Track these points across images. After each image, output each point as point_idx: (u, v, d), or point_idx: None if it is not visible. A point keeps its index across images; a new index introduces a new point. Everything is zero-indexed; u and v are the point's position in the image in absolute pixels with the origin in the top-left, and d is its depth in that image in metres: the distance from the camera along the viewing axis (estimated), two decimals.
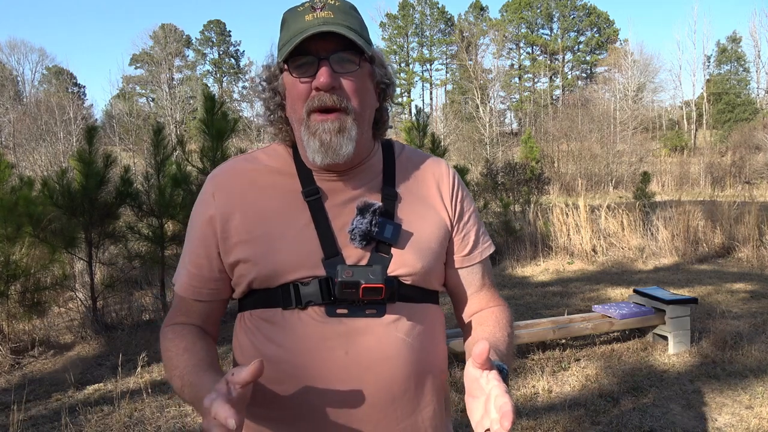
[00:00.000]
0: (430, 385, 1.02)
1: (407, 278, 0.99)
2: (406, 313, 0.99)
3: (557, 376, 3.82)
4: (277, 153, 1.07)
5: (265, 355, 0.97)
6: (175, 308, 1.10)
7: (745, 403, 3.34)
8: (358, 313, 0.95)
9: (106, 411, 3.48)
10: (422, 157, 1.13)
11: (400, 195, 1.04)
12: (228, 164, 1.08)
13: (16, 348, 4.69)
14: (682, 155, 30.47)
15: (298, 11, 0.96)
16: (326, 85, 0.92)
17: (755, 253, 7.64)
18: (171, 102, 38.81)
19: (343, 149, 0.95)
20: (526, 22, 49.90)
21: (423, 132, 7.47)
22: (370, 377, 0.94)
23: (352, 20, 0.96)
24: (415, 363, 0.98)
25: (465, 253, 1.09)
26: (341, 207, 1.00)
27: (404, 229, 1.00)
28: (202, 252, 1.03)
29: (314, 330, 0.95)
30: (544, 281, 7.16)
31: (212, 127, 5.53)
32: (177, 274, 1.09)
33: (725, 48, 44.97)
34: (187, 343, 1.00)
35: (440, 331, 1.08)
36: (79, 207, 5.11)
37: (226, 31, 51.29)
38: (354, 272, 0.93)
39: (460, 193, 1.10)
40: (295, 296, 0.96)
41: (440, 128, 29.97)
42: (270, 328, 0.98)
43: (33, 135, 26.18)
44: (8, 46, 42.57)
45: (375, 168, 1.05)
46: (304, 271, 0.96)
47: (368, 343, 0.95)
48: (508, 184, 13.36)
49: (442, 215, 1.06)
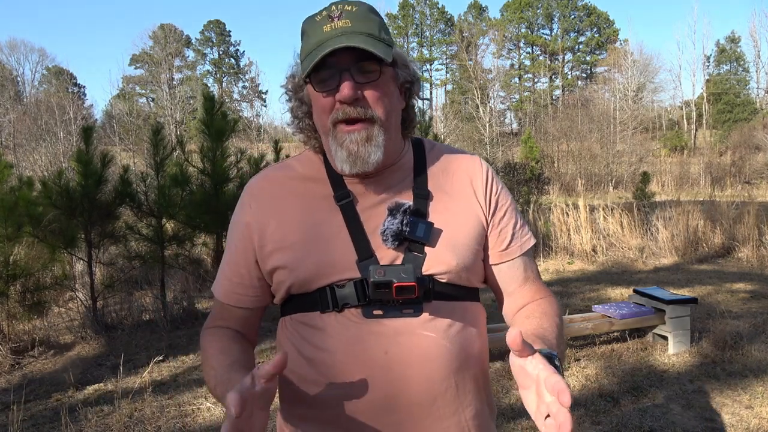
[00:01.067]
0: (472, 383, 1.02)
1: (443, 276, 0.99)
2: (444, 311, 0.99)
3: None
4: (309, 160, 1.09)
5: (306, 358, 0.99)
6: (214, 314, 1.12)
7: (745, 403, 3.34)
8: (395, 313, 0.96)
9: (106, 411, 3.48)
10: (454, 153, 1.12)
11: (432, 193, 1.04)
12: (262, 173, 1.11)
13: (16, 348, 4.69)
14: (682, 155, 30.47)
15: (317, 21, 0.96)
16: (349, 97, 0.93)
17: (755, 253, 7.63)
18: (171, 102, 38.82)
19: (372, 158, 0.96)
20: (526, 22, 49.91)
21: (425, 132, 7.48)
22: (410, 376, 0.95)
23: (370, 25, 0.96)
24: (454, 361, 0.98)
25: (502, 248, 1.08)
26: (373, 209, 1.01)
27: (437, 227, 1.00)
28: (241, 261, 1.06)
29: (352, 331, 0.96)
30: (545, 281, 7.15)
31: (212, 127, 5.54)
32: (217, 282, 1.11)
33: (724, 48, 44.99)
34: (223, 345, 1.03)
35: (481, 328, 1.07)
36: (79, 207, 5.11)
37: (226, 31, 51.28)
38: (386, 272, 0.93)
39: (495, 188, 1.09)
40: (332, 299, 0.97)
41: (440, 128, 29.95)
42: (309, 332, 0.99)
43: (33, 135, 26.18)
44: (8, 46, 42.59)
45: (406, 167, 1.06)
46: (340, 274, 0.97)
47: (407, 343, 0.95)
48: (508, 184, 13.37)
49: (476, 211, 1.05)
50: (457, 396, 0.99)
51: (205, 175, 5.81)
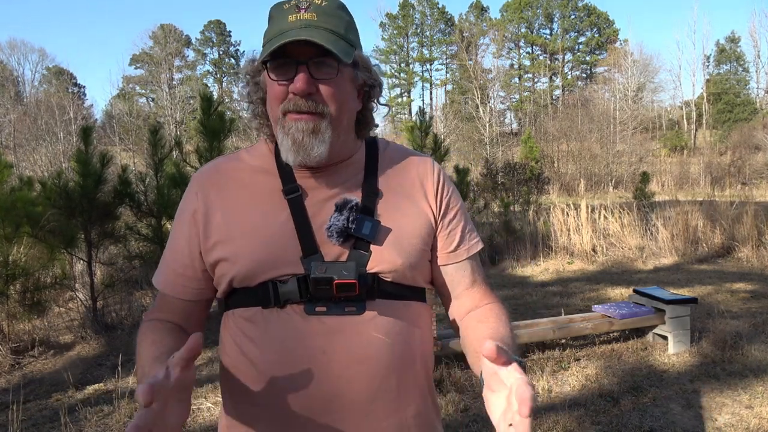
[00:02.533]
0: (413, 383, 1.01)
1: (388, 275, 0.98)
2: (387, 310, 0.98)
3: (557, 376, 3.82)
4: (260, 152, 1.08)
5: (246, 355, 0.98)
6: (157, 305, 1.09)
7: (745, 403, 3.33)
8: (337, 311, 0.95)
9: (106, 411, 3.48)
10: (407, 154, 1.12)
11: (381, 191, 1.03)
12: (211, 164, 1.09)
13: (16, 348, 4.69)
14: (682, 155, 30.48)
15: (284, 9, 0.95)
16: (302, 91, 0.92)
17: (755, 253, 7.63)
18: (171, 102, 38.82)
19: (315, 150, 0.95)
20: (526, 22, 49.88)
21: (425, 132, 7.48)
22: (349, 375, 0.94)
23: (336, 22, 0.95)
24: (395, 361, 0.97)
25: (450, 249, 1.07)
26: (321, 204, 1.00)
27: (384, 226, 1.00)
28: (185, 250, 1.03)
29: (293, 329, 0.95)
30: (544, 281, 7.16)
31: (208, 128, 5.53)
32: (159, 272, 1.08)
33: (724, 48, 44.98)
34: (156, 337, 0.99)
35: (425, 328, 1.06)
36: (78, 207, 5.11)
37: (226, 31, 51.28)
38: (327, 268, 0.92)
39: (445, 190, 1.08)
40: (274, 295, 0.95)
41: (440, 128, 29.95)
42: (250, 327, 0.98)
43: (33, 135, 26.20)
44: (8, 46, 42.51)
45: (357, 165, 1.05)
46: (283, 269, 0.96)
47: (347, 341, 0.94)
48: (508, 184, 13.38)
49: (425, 211, 1.05)
50: (398, 395, 0.98)
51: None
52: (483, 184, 13.12)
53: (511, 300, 5.97)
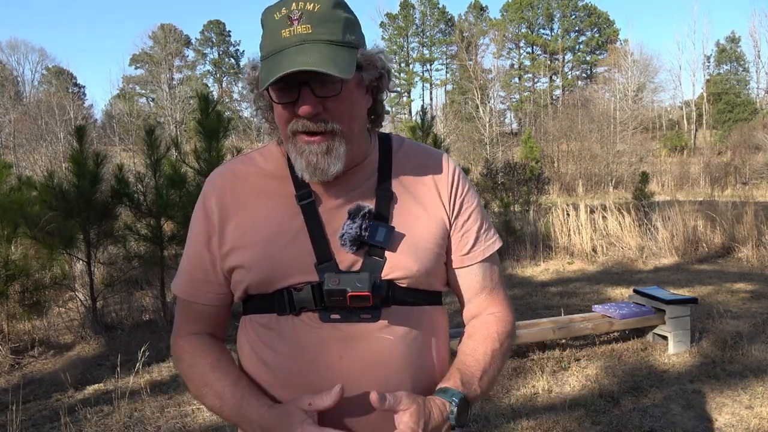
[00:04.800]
0: (429, 388, 1.00)
1: (403, 281, 0.97)
2: (402, 317, 0.97)
3: (557, 376, 3.82)
4: (273, 155, 1.06)
5: (262, 360, 0.98)
6: (182, 316, 1.08)
7: (745, 403, 3.33)
8: (352, 318, 0.94)
9: (106, 411, 3.47)
10: (422, 152, 1.09)
11: (395, 194, 1.01)
12: (225, 167, 1.07)
13: (16, 348, 4.69)
14: (682, 155, 30.46)
15: (275, 20, 0.89)
16: (308, 113, 0.89)
17: (755, 253, 7.62)
18: (171, 102, 38.79)
19: (331, 169, 0.94)
20: (526, 22, 49.87)
21: (426, 132, 7.48)
22: (364, 382, 0.93)
23: (333, 27, 0.89)
24: (411, 366, 0.97)
25: (464, 252, 1.06)
26: (335, 210, 0.99)
27: (399, 231, 0.98)
28: (206, 256, 1.03)
29: (308, 335, 0.94)
30: (545, 281, 7.16)
31: (207, 128, 5.52)
32: (178, 279, 1.07)
33: (724, 48, 44.96)
34: (213, 360, 1.01)
35: (441, 333, 1.05)
36: (75, 207, 5.09)
37: (225, 31, 51.25)
38: (341, 280, 0.91)
39: (460, 190, 1.06)
40: (289, 302, 0.95)
41: (440, 128, 29.94)
42: (267, 334, 0.98)
43: (33, 135, 26.21)
44: (8, 46, 42.47)
45: (371, 167, 1.03)
46: (298, 276, 0.95)
47: (363, 348, 0.94)
48: (508, 184, 13.36)
49: (439, 213, 1.03)
50: None
51: (201, 176, 5.79)
52: (483, 184, 13.09)
53: (512, 300, 5.94)
